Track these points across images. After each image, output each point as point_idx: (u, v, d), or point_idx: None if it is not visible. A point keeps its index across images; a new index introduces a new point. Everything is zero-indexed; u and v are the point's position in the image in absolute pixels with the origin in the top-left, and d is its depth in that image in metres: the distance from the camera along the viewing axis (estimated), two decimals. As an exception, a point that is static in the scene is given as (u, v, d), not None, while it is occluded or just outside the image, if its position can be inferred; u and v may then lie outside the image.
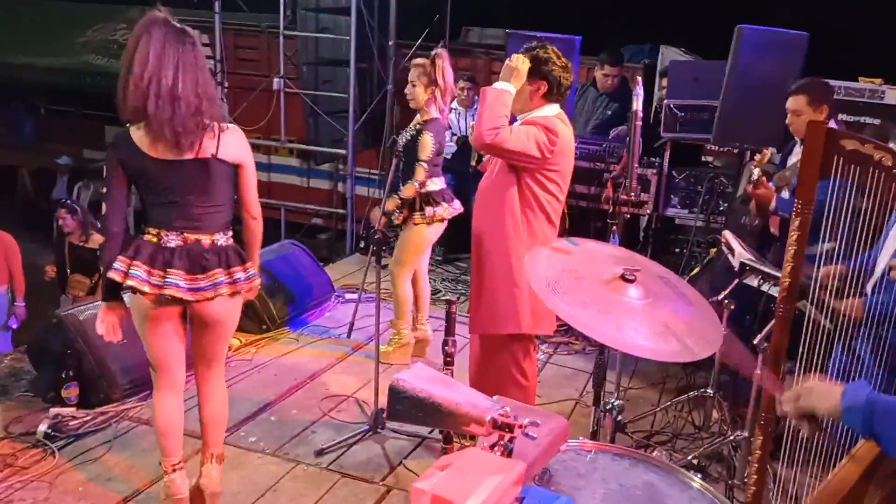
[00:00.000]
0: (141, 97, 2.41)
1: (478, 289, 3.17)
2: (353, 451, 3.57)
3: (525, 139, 2.86)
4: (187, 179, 2.56)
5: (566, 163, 3.01)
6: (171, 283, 2.56)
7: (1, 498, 3.05)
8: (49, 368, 3.82)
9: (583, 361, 4.77)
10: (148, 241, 2.59)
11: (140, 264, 2.55)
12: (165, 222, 2.59)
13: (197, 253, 2.61)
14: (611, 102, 5.62)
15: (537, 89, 2.96)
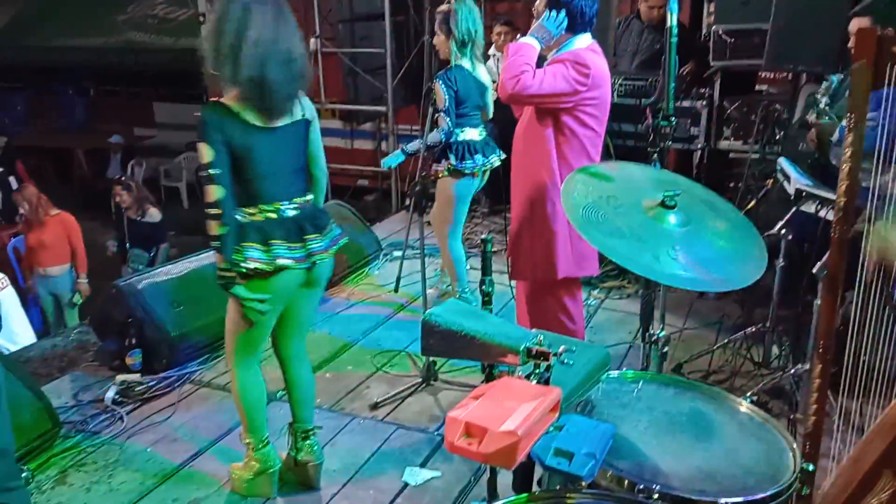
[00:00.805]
0: (258, 63, 2.31)
1: (516, 236, 3.13)
2: (407, 403, 3.60)
3: (552, 80, 2.76)
4: (289, 144, 2.52)
5: (603, 94, 2.90)
6: (315, 248, 2.53)
7: (75, 460, 3.18)
8: (113, 338, 3.96)
9: (635, 305, 4.66)
10: (267, 218, 2.50)
11: (280, 242, 2.48)
12: (277, 195, 2.51)
13: (311, 213, 2.59)
14: (658, 35, 5.40)
15: (561, 21, 2.84)
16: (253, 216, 2.48)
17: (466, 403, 1.08)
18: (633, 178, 1.82)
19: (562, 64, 2.79)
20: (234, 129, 2.37)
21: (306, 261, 2.54)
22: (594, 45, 2.92)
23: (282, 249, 2.48)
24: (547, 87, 2.76)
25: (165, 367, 3.87)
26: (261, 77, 2.33)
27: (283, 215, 2.51)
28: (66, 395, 3.70)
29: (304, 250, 2.53)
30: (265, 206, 2.49)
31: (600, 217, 1.58)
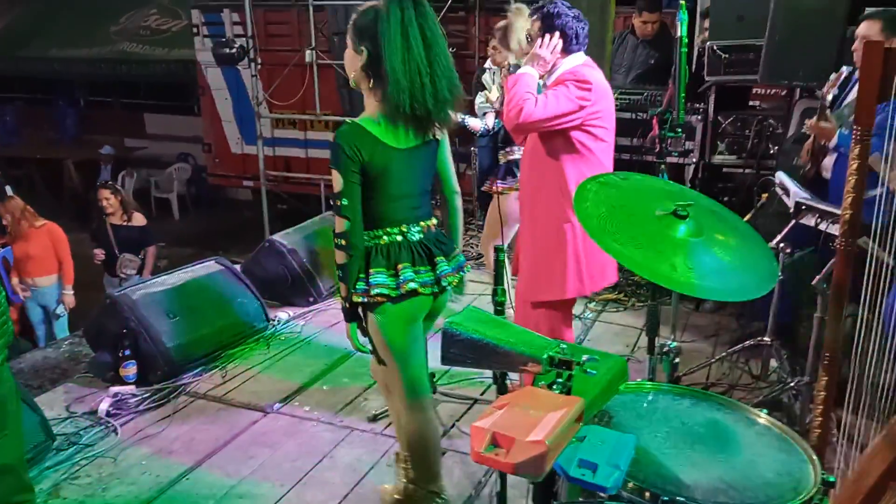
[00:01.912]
0: (418, 84, 2.21)
1: (525, 257, 3.17)
2: (406, 414, 3.57)
3: (555, 102, 2.81)
4: (421, 165, 2.41)
5: (607, 105, 2.96)
6: (444, 271, 2.40)
7: (68, 474, 3.13)
8: (107, 349, 3.91)
9: (632, 317, 4.69)
10: (394, 241, 2.38)
11: (408, 265, 2.35)
12: (406, 217, 2.39)
13: (435, 237, 2.47)
14: (652, 51, 5.44)
15: (556, 43, 2.93)
16: (379, 239, 2.38)
17: (490, 413, 1.07)
18: (640, 188, 1.82)
19: (562, 85, 2.86)
20: (371, 150, 2.25)
21: (435, 285, 2.40)
22: (589, 61, 2.99)
23: (409, 273, 2.35)
24: (552, 110, 2.81)
25: (160, 379, 3.83)
26: (420, 97, 2.23)
27: (410, 238, 2.40)
28: (59, 407, 3.66)
29: (431, 274, 2.40)
30: (391, 230, 2.38)
31: (615, 226, 1.58)
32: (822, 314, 2.95)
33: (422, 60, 2.21)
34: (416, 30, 2.21)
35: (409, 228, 2.39)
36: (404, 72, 2.19)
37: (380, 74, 2.22)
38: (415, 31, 2.21)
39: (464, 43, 7.24)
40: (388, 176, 2.29)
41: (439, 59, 2.25)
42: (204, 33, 8.64)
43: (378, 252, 2.36)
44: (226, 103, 8.95)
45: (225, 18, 8.39)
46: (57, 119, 14.14)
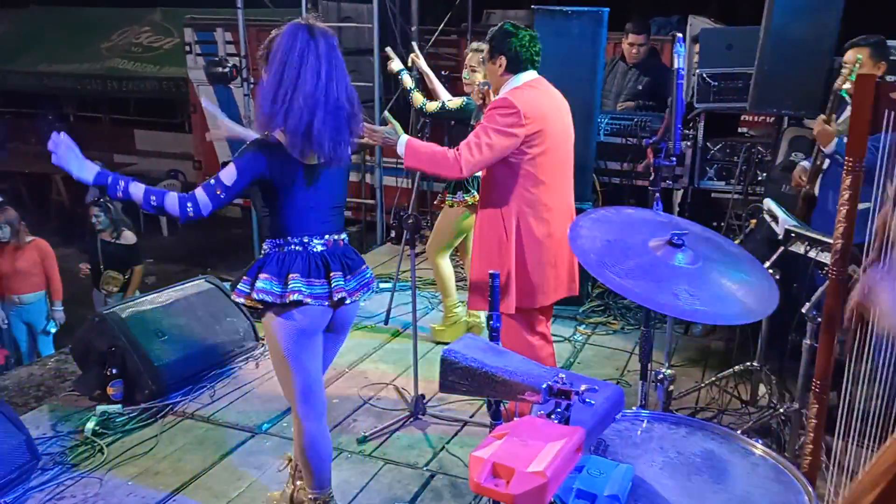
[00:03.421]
0: (308, 113, 2.29)
1: (473, 269, 3.28)
2: (396, 437, 3.56)
3: (488, 141, 2.93)
4: (331, 183, 2.50)
5: (547, 124, 3.04)
6: (338, 286, 2.46)
7: (53, 494, 3.09)
8: (94, 367, 3.87)
9: (622, 341, 4.70)
10: (291, 251, 2.47)
11: (297, 276, 2.42)
12: (309, 229, 2.47)
13: (342, 252, 2.55)
14: (641, 76, 5.52)
15: (499, 65, 3.10)
16: (277, 248, 2.47)
17: (489, 443, 1.07)
18: (633, 221, 1.84)
19: (488, 120, 2.98)
20: (278, 164, 2.36)
21: (327, 299, 2.46)
22: (535, 81, 3.11)
23: (298, 283, 2.41)
24: (493, 152, 2.95)
25: (148, 398, 3.79)
26: (308, 126, 2.30)
27: (309, 250, 2.47)
28: (45, 425, 3.61)
29: (327, 288, 2.46)
30: (292, 239, 2.45)
31: (611, 260, 1.59)
32: (812, 341, 2.97)
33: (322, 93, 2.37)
34: (316, 64, 2.36)
35: (313, 240, 2.46)
36: (305, 105, 2.34)
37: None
38: (316, 66, 2.36)
39: (455, 66, 7.31)
40: (293, 189, 2.40)
41: (337, 91, 2.39)
42: (196, 52, 8.66)
43: (273, 260, 2.45)
44: (215, 121, 8.95)
45: (218, 37, 8.42)
46: (45, 134, 14.04)
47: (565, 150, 3.18)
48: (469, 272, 3.42)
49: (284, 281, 2.41)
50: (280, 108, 2.28)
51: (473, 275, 3.29)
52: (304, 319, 2.45)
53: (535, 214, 3.08)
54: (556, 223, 3.13)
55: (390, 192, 7.42)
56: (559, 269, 3.18)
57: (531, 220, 3.08)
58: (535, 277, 3.12)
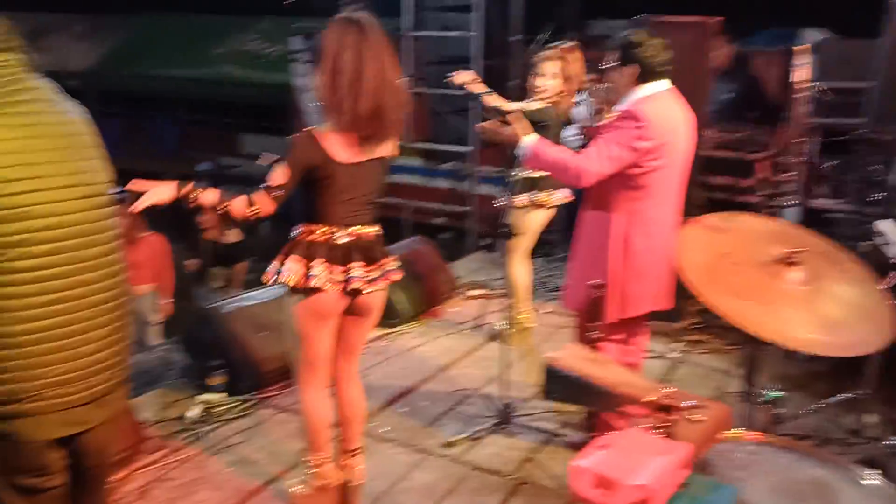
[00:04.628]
0: (375, 97, 2.46)
1: (573, 270, 3.26)
2: (482, 444, 3.56)
3: (611, 154, 2.90)
4: (368, 177, 2.66)
5: (671, 138, 2.98)
6: (354, 276, 2.63)
7: (158, 475, 3.25)
8: (199, 357, 4.05)
9: (719, 360, 4.55)
10: (315, 241, 2.64)
11: (319, 263, 2.60)
12: (339, 221, 2.63)
13: (365, 245, 2.70)
14: (729, 85, 5.32)
15: (627, 74, 3.02)
16: (304, 235, 2.64)
17: (591, 452, 1.06)
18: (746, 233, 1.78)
19: (614, 130, 2.93)
20: (318, 159, 2.51)
21: (341, 287, 2.63)
22: (663, 93, 3.02)
23: (318, 269, 2.58)
24: (608, 165, 2.91)
25: (247, 390, 3.94)
26: (372, 111, 2.46)
27: (334, 240, 2.62)
28: (152, 410, 3.80)
29: (344, 276, 2.63)
30: (320, 229, 2.62)
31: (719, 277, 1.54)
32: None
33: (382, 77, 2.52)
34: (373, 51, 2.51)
35: (338, 231, 2.61)
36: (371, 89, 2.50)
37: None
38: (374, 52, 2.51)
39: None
40: (333, 183, 2.55)
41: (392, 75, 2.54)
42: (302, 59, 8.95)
43: (302, 244, 2.63)
44: (318, 127, 9.21)
45: (322, 45, 8.66)
46: (158, 135, 14.85)
47: (682, 165, 3.11)
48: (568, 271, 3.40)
49: (309, 266, 2.59)
50: (344, 96, 2.43)
51: (570, 277, 3.28)
52: (320, 303, 2.65)
53: (638, 226, 3.04)
54: (659, 237, 3.07)
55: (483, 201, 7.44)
56: (656, 283, 3.12)
57: (633, 232, 3.04)
58: (630, 289, 3.07)
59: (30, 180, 1.73)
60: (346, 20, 2.50)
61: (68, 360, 1.83)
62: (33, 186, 1.74)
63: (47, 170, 1.78)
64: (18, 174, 1.71)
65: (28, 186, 1.73)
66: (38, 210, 1.74)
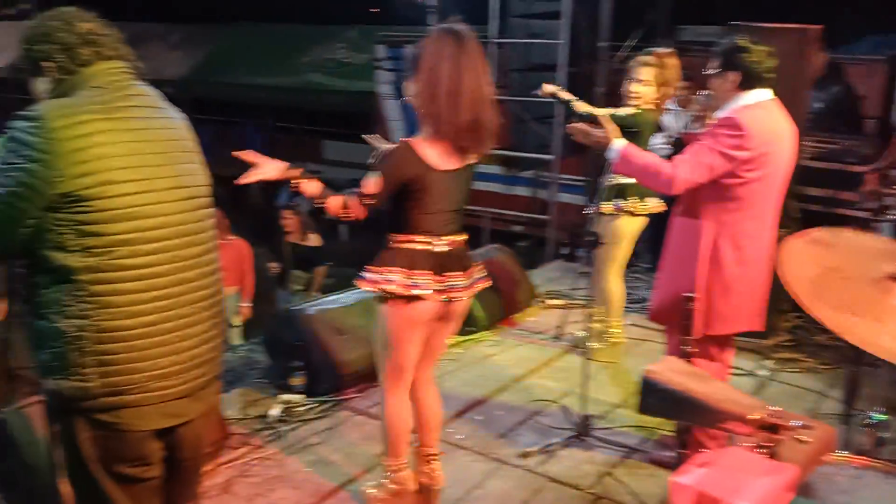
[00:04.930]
0: (474, 107, 2.50)
1: (663, 282, 3.18)
2: (559, 456, 3.51)
3: (707, 162, 2.82)
4: (459, 186, 2.68)
5: (771, 148, 2.87)
6: (454, 285, 2.67)
7: (240, 471, 3.33)
8: (281, 358, 4.14)
9: (812, 380, 4.35)
10: (418, 250, 2.65)
11: (421, 273, 2.62)
12: (435, 230, 2.65)
13: (458, 253, 2.73)
14: (818, 93, 5.08)
15: (729, 81, 2.93)
16: (403, 244, 2.64)
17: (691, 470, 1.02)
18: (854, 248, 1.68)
19: (712, 137, 2.84)
20: (416, 169, 2.53)
21: (442, 295, 2.66)
22: (766, 102, 2.92)
23: (421, 280, 2.61)
24: (706, 173, 2.83)
25: (326, 392, 3.99)
26: (472, 121, 2.49)
27: (432, 249, 2.64)
28: (235, 408, 3.89)
29: (442, 285, 2.65)
30: (419, 238, 2.63)
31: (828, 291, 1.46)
32: None
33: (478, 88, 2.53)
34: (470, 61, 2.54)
35: (436, 241, 2.63)
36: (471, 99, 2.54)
37: None
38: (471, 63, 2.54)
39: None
40: (427, 192, 2.57)
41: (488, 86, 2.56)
42: (386, 67, 9.11)
43: (402, 254, 2.62)
44: (400, 134, 9.35)
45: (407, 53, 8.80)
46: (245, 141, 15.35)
47: (781, 178, 2.99)
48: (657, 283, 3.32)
49: (410, 275, 2.60)
50: (443, 106, 2.46)
51: (658, 288, 3.21)
52: (417, 311, 2.67)
53: (730, 239, 2.93)
54: (752, 251, 2.95)
55: (564, 209, 7.37)
56: (746, 299, 3.00)
57: (725, 244, 2.93)
58: (718, 303, 2.97)
59: (138, 182, 1.82)
60: (445, 31, 2.52)
61: (169, 354, 1.90)
62: (141, 188, 1.82)
63: (153, 172, 1.86)
64: (128, 176, 1.80)
65: (136, 188, 1.81)
66: (145, 210, 1.82)
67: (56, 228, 1.75)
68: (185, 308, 1.92)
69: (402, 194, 2.57)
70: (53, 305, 1.80)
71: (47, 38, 1.87)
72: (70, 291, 1.77)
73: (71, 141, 1.73)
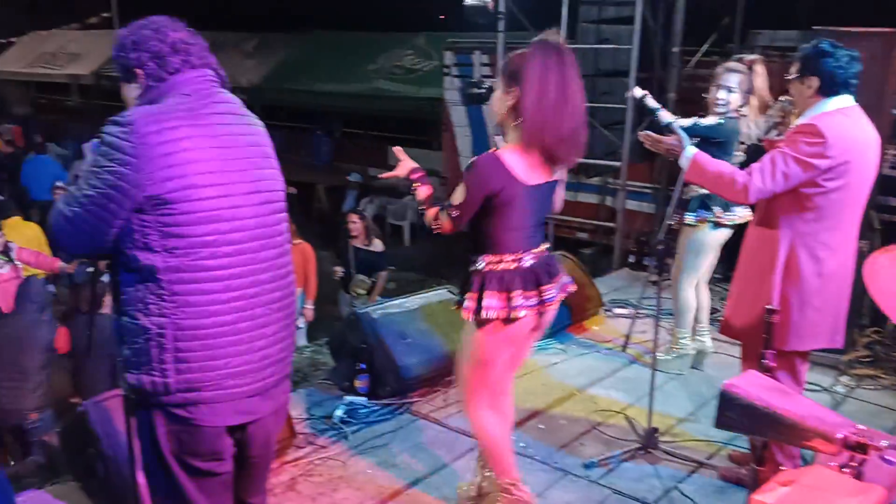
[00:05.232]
0: (575, 121, 2.51)
1: (738, 294, 3.08)
2: (623, 467, 3.44)
3: (785, 170, 2.74)
4: (543, 199, 2.67)
5: (853, 157, 2.76)
6: (548, 298, 2.64)
7: (304, 470, 3.38)
8: (346, 360, 4.20)
9: (890, 398, 4.17)
10: (508, 269, 2.60)
11: (518, 293, 2.58)
12: (522, 246, 2.61)
13: (545, 262, 2.69)
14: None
15: (809, 86, 2.83)
16: (493, 265, 2.59)
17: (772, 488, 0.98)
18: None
19: (791, 144, 2.76)
20: (502, 182, 2.50)
21: (540, 309, 2.64)
22: (849, 109, 2.81)
23: (520, 300, 2.57)
24: (782, 182, 2.76)
25: (389, 394, 4.03)
26: (573, 133, 2.50)
27: (522, 265, 2.60)
28: (300, 408, 3.96)
29: (538, 299, 2.62)
30: (508, 257, 2.59)
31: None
32: None
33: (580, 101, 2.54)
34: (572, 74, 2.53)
35: (524, 256, 2.59)
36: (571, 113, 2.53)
37: None
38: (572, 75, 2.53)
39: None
40: (514, 208, 2.53)
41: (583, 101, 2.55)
42: (454, 73, 9.15)
43: (494, 277, 2.57)
44: (465, 140, 9.38)
45: (474, 60, 8.82)
46: (314, 147, 15.68)
47: (864, 188, 2.88)
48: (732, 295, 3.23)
49: (507, 297, 2.56)
50: (549, 118, 2.44)
51: (731, 300, 3.12)
52: (515, 331, 2.63)
53: (808, 250, 2.83)
54: (831, 264, 2.84)
55: (631, 217, 7.26)
56: (824, 314, 2.89)
57: (803, 256, 2.83)
58: (794, 317, 2.87)
59: (220, 186, 1.89)
60: (547, 44, 2.49)
61: (244, 353, 1.96)
62: (222, 192, 1.89)
63: (233, 177, 1.93)
64: (211, 180, 1.87)
65: (217, 192, 1.88)
66: (225, 214, 1.90)
67: (142, 229, 1.84)
68: (259, 309, 1.98)
69: (486, 209, 2.53)
70: (137, 303, 1.87)
71: (139, 47, 1.95)
72: (153, 290, 1.85)
73: (159, 146, 1.81)
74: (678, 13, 6.78)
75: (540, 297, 2.61)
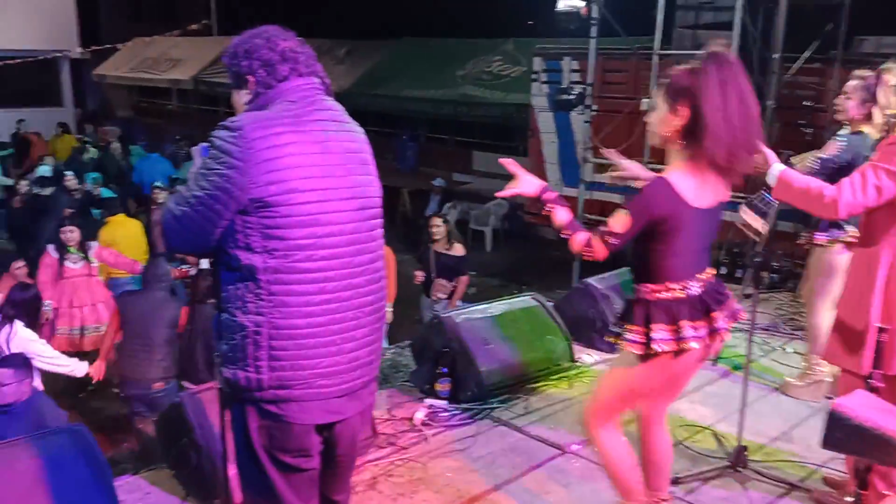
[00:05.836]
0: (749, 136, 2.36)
1: (838, 316, 2.96)
2: (711, 485, 3.32)
3: (877, 182, 2.61)
4: (711, 223, 2.52)
5: None
6: (720, 326, 2.48)
7: (385, 470, 3.42)
8: (427, 363, 4.23)
9: None
10: (675, 297, 2.45)
11: (686, 323, 2.43)
12: (687, 273, 2.46)
13: (713, 288, 2.54)
14: None
15: None
16: (658, 294, 2.46)
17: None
18: None
19: (883, 158, 2.64)
20: (672, 208, 2.37)
21: (710, 339, 2.47)
22: None
23: (689, 331, 2.42)
24: (874, 196, 2.65)
25: (469, 399, 4.03)
26: (754, 144, 2.41)
27: (690, 293, 2.46)
28: (381, 408, 4.00)
29: (708, 328, 2.47)
30: (674, 285, 2.45)
31: None
32: None
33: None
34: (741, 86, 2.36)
35: (690, 283, 2.44)
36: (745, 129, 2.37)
37: None
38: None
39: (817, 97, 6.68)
40: (680, 233, 2.39)
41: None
42: (542, 79, 9.11)
43: (660, 306, 2.43)
44: (552, 146, 9.31)
45: (564, 66, 8.75)
46: (399, 151, 15.88)
47: None
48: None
49: (676, 328, 2.42)
50: (737, 133, 2.30)
51: (836, 321, 2.97)
52: (684, 363, 2.49)
53: None
54: None
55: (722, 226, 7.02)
56: None
57: None
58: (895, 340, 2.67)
59: (319, 191, 1.95)
60: (719, 57, 2.34)
61: (334, 354, 2.01)
62: (321, 197, 1.95)
63: (332, 182, 1.98)
64: (311, 185, 1.93)
65: (317, 197, 1.94)
66: (322, 218, 1.95)
67: (244, 230, 1.91)
68: (352, 312, 2.03)
69: (650, 234, 2.39)
70: (236, 301, 1.95)
71: (251, 55, 2.03)
72: (252, 289, 1.92)
73: (264, 151, 1.88)
74: (779, 18, 6.54)
75: (710, 326, 2.45)
